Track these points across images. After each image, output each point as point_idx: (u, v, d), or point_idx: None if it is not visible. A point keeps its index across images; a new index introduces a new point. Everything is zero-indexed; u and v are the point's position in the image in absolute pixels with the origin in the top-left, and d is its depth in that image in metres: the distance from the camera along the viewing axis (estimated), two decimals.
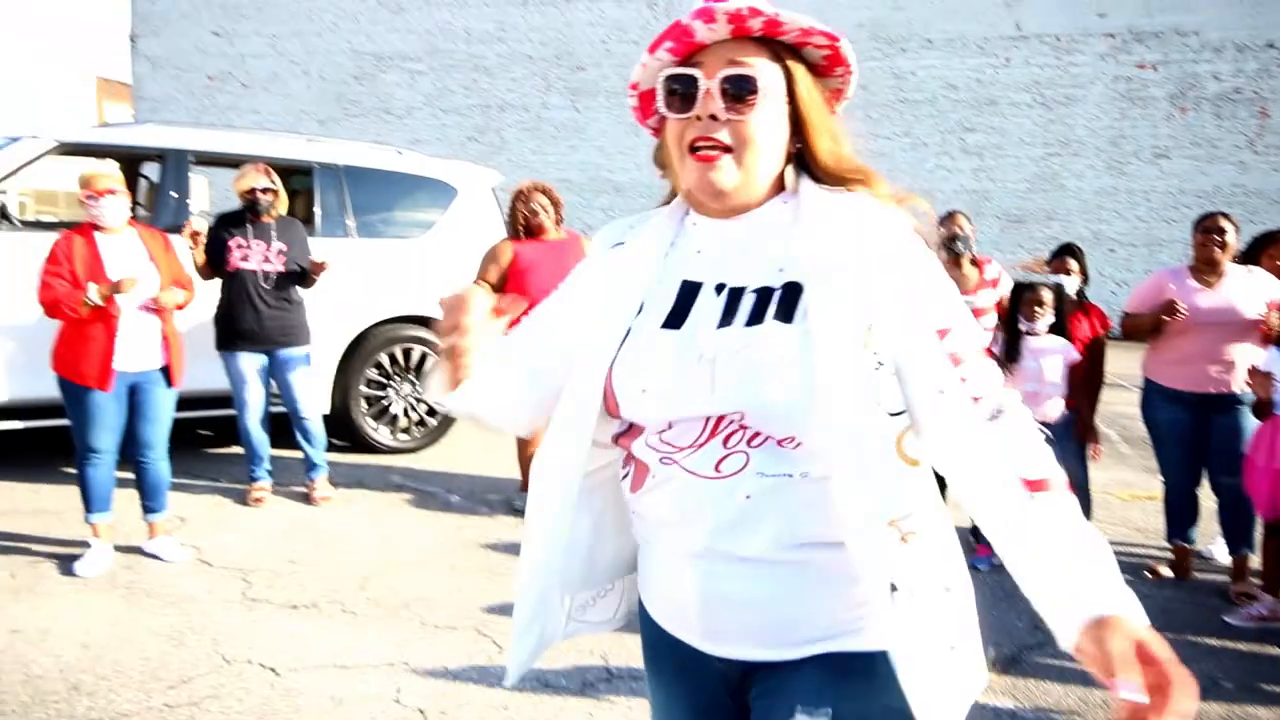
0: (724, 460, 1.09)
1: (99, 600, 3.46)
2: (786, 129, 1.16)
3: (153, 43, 19.28)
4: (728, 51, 1.12)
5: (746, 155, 1.12)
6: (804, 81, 1.16)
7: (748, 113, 1.11)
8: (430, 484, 5.16)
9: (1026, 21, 15.76)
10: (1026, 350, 4.23)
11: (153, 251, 3.82)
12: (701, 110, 1.11)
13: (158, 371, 3.83)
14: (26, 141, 4.81)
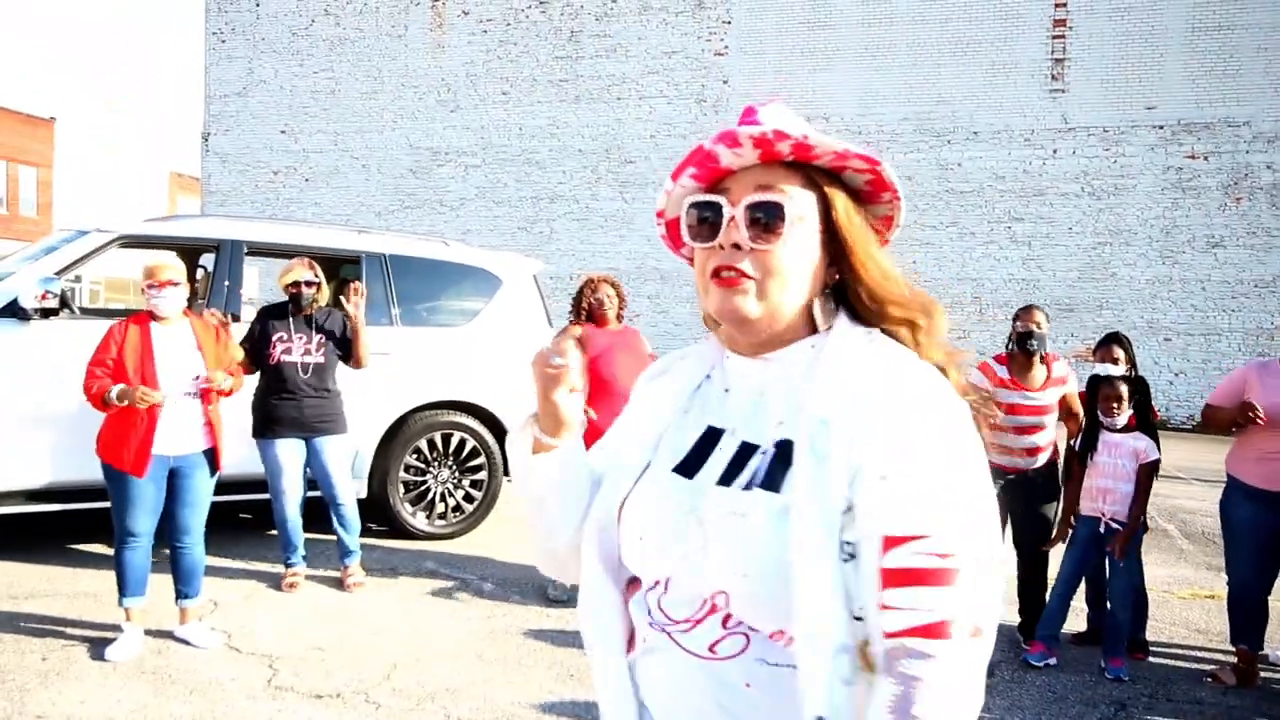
0: (721, 642, 0.97)
1: (125, 685, 3.45)
2: (819, 258, 1.06)
3: (223, 140, 20.27)
4: (756, 177, 1.05)
5: (771, 287, 1.03)
6: (843, 207, 1.06)
7: (774, 242, 1.02)
8: (464, 570, 5.12)
9: (1073, 114, 15.84)
10: (1104, 445, 4.13)
11: (202, 340, 3.91)
12: (725, 239, 1.03)
13: (199, 455, 3.89)
14: (92, 234, 5.03)
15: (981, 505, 0.94)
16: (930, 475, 0.91)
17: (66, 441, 4.60)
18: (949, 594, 0.88)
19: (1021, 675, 4.05)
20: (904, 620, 0.88)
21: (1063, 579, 4.19)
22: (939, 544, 0.89)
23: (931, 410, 0.95)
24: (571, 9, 18.18)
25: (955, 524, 0.90)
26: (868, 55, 16.66)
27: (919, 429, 0.93)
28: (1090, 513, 4.17)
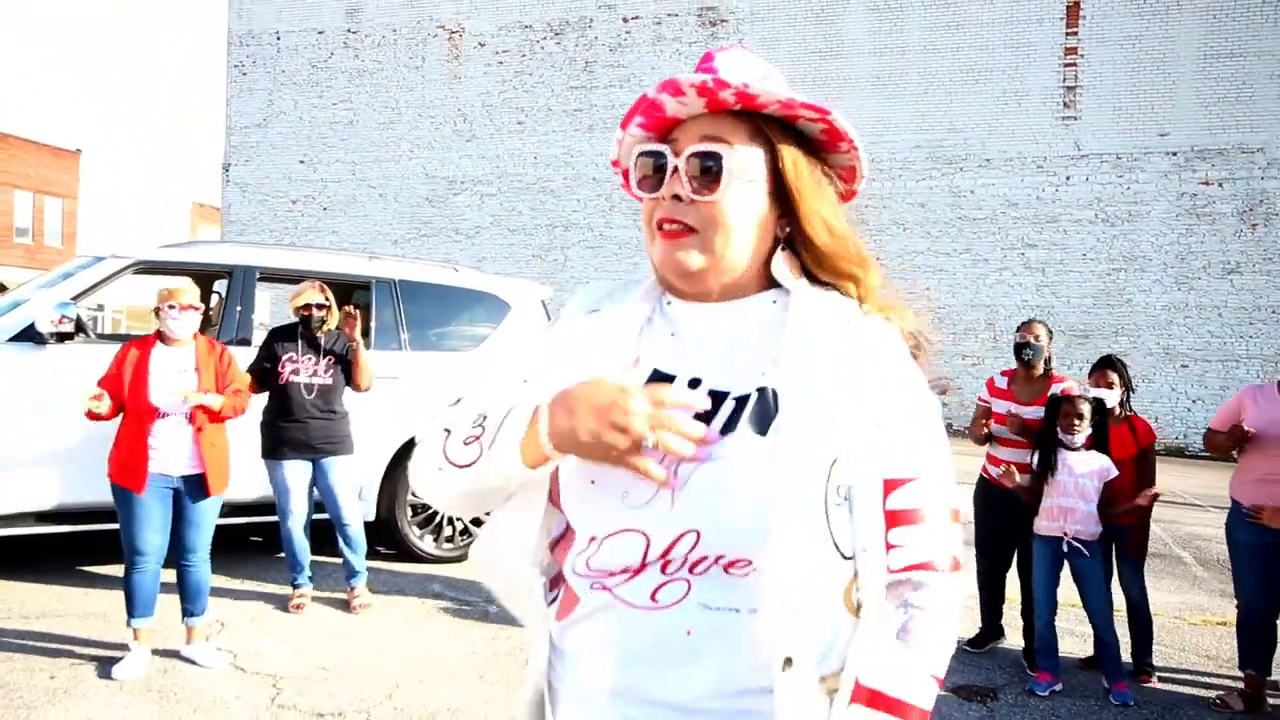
0: (661, 589, 0.96)
1: (131, 704, 3.48)
2: (767, 210, 1.05)
3: (243, 170, 20.60)
4: (703, 127, 1.04)
5: (714, 239, 1.02)
6: (792, 158, 1.05)
7: (714, 193, 1.01)
8: (469, 593, 5.14)
9: (1086, 141, 15.88)
10: (1063, 464, 4.12)
11: (201, 363, 3.93)
12: (667, 190, 1.04)
13: (200, 476, 3.94)
14: (108, 260, 5.14)
15: (947, 454, 1.02)
16: (914, 424, 0.99)
17: (77, 464, 4.67)
18: (937, 532, 0.97)
19: (1025, 700, 4.02)
20: (906, 557, 0.96)
21: (1042, 609, 4.16)
22: (927, 486, 0.98)
23: (906, 367, 1.02)
24: (586, 40, 18.44)
25: (937, 469, 0.99)
26: (879, 84, 16.78)
27: (900, 383, 1.00)
28: (1052, 533, 4.15)
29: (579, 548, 1.02)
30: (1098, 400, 4.27)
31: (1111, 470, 4.11)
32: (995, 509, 4.61)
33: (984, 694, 4.07)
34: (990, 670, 4.39)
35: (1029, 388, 4.55)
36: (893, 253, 16.63)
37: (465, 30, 19.20)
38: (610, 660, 0.98)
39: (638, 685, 0.97)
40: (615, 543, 0.98)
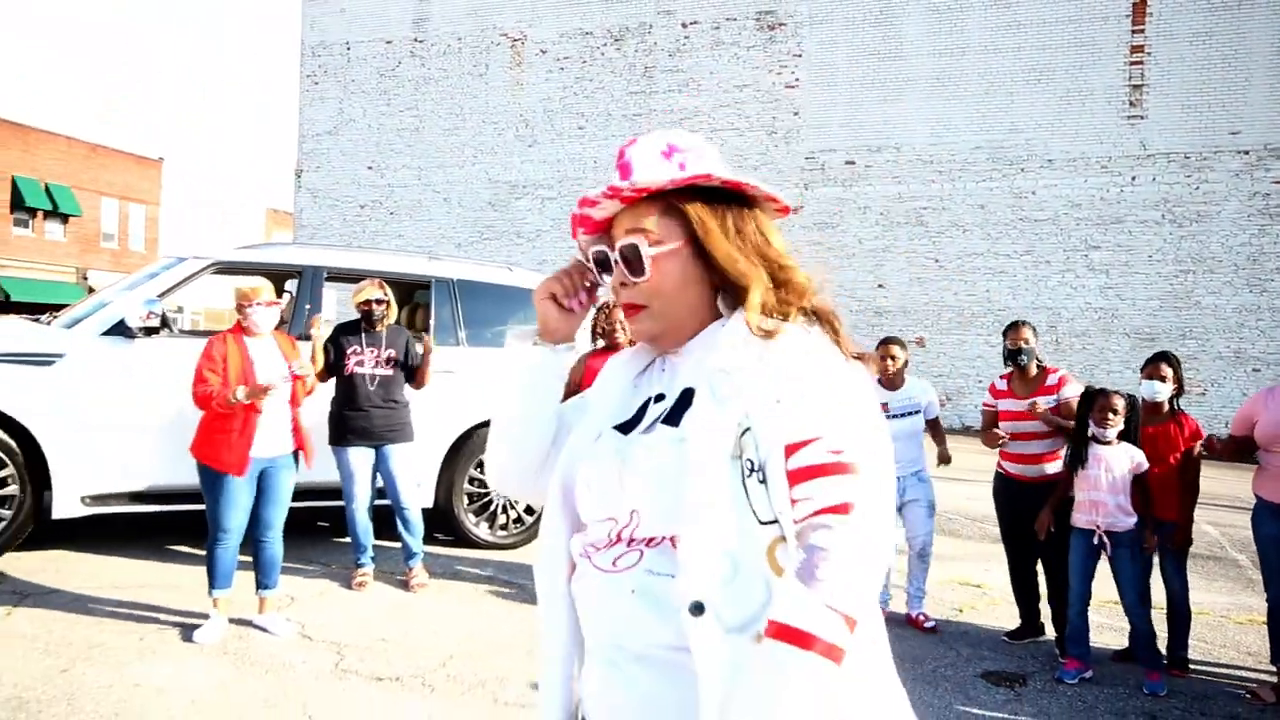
0: (621, 557, 1.17)
1: (210, 665, 3.81)
2: (695, 267, 1.23)
3: (314, 177, 21.35)
4: (626, 220, 1.25)
5: (659, 307, 1.24)
6: (698, 218, 1.22)
7: (644, 276, 1.23)
8: (522, 577, 5.40)
9: (1152, 140, 15.59)
10: (1094, 458, 4.20)
11: (285, 352, 4.33)
12: (615, 279, 1.27)
13: (288, 456, 4.29)
14: (190, 261, 5.54)
15: (865, 415, 1.13)
16: (815, 393, 1.11)
17: (163, 449, 5.05)
18: (845, 481, 1.07)
19: (1054, 686, 4.12)
20: (809, 506, 1.08)
21: (1075, 596, 4.25)
22: (831, 443, 1.09)
23: (808, 350, 1.16)
24: (645, 46, 18.71)
25: (843, 427, 1.10)
26: (939, 85, 16.70)
27: (800, 364, 1.14)
28: (1085, 525, 4.23)
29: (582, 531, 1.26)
30: (1131, 397, 4.34)
31: (1143, 463, 4.18)
32: (1013, 502, 4.74)
33: (1013, 679, 4.18)
34: (1023, 659, 4.49)
35: (1026, 385, 4.76)
36: (951, 255, 16.54)
37: (527, 38, 19.61)
38: (588, 612, 1.21)
39: (601, 632, 1.19)
40: (598, 525, 1.22)
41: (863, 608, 1.05)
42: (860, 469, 1.08)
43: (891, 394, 5.00)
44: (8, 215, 32.47)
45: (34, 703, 3.32)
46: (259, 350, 4.26)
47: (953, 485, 9.37)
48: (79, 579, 4.79)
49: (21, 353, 4.90)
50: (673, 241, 1.23)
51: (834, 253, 16.85)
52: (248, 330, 4.27)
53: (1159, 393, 4.45)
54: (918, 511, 4.96)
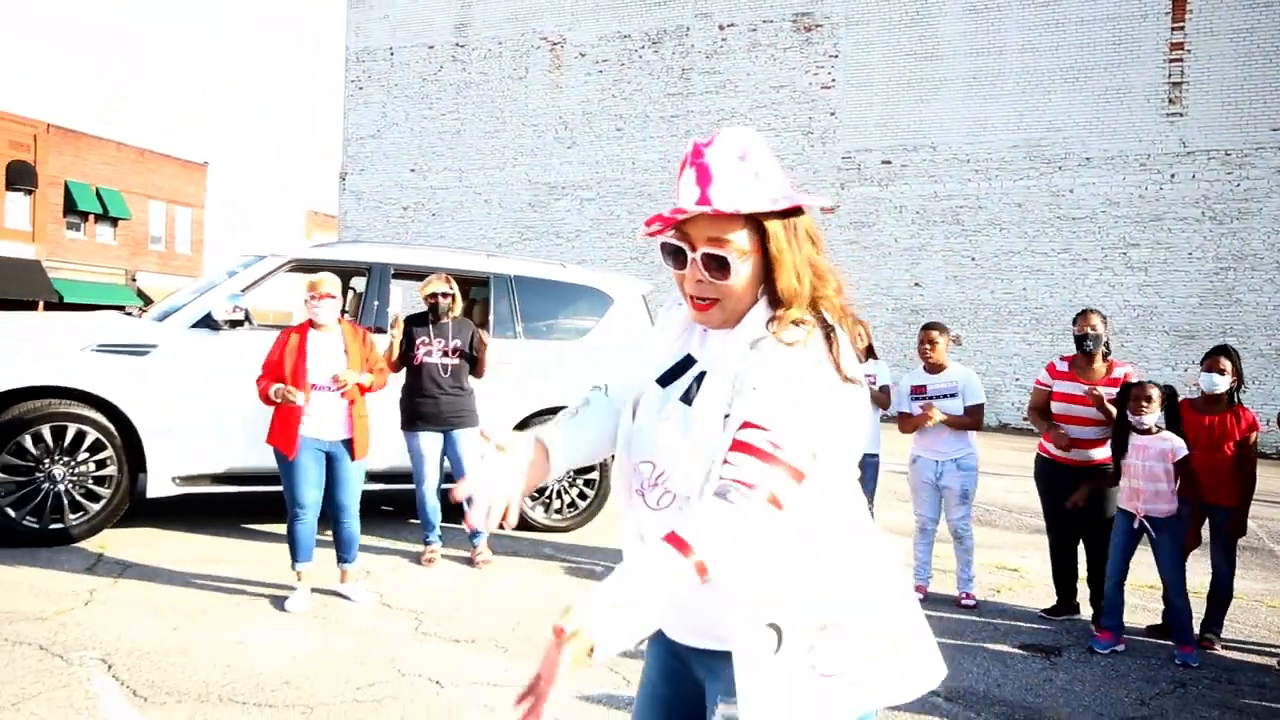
0: (661, 497, 1.45)
1: (302, 628, 4.15)
2: (760, 268, 1.43)
3: (358, 180, 21.88)
4: (707, 227, 1.40)
5: (728, 304, 1.44)
6: (774, 233, 1.41)
7: (725, 279, 1.41)
8: (579, 556, 5.71)
9: (1192, 138, 15.59)
10: (1133, 446, 4.41)
11: (349, 345, 4.59)
12: (691, 275, 1.43)
13: (349, 441, 4.58)
14: (268, 259, 5.91)
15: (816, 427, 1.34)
16: (783, 395, 1.33)
17: (245, 434, 5.41)
18: (766, 470, 1.29)
19: (1087, 657, 4.35)
20: (730, 471, 1.30)
21: (1113, 571, 4.47)
22: (774, 436, 1.31)
23: (794, 364, 1.36)
24: (683, 48, 18.99)
25: (791, 429, 1.31)
26: (976, 84, 16.80)
27: (782, 371, 1.36)
28: (1128, 509, 4.45)
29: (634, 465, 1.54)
30: (1168, 387, 4.54)
31: (1179, 450, 4.37)
32: (1055, 485, 4.94)
33: (1048, 651, 4.41)
34: (1058, 634, 4.72)
35: (1091, 371, 4.89)
36: (988, 253, 16.63)
37: (566, 41, 19.97)
38: (645, 538, 1.48)
39: None
40: (641, 468, 1.50)
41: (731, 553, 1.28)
42: (781, 466, 1.30)
43: (932, 377, 5.24)
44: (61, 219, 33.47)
45: (154, 654, 3.68)
46: (318, 345, 4.52)
47: (990, 479, 9.55)
48: (171, 554, 5.16)
49: (120, 343, 5.30)
50: (753, 253, 1.42)
51: (870, 252, 17.02)
52: (313, 322, 4.57)
53: (1218, 385, 4.61)
54: (950, 497, 5.18)
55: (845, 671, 1.38)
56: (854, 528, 1.46)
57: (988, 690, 3.87)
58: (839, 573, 1.41)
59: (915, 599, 1.51)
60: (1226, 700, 3.92)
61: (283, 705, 3.28)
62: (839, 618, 1.38)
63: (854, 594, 1.41)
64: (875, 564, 1.46)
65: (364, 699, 3.37)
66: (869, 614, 1.41)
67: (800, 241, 1.44)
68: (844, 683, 1.38)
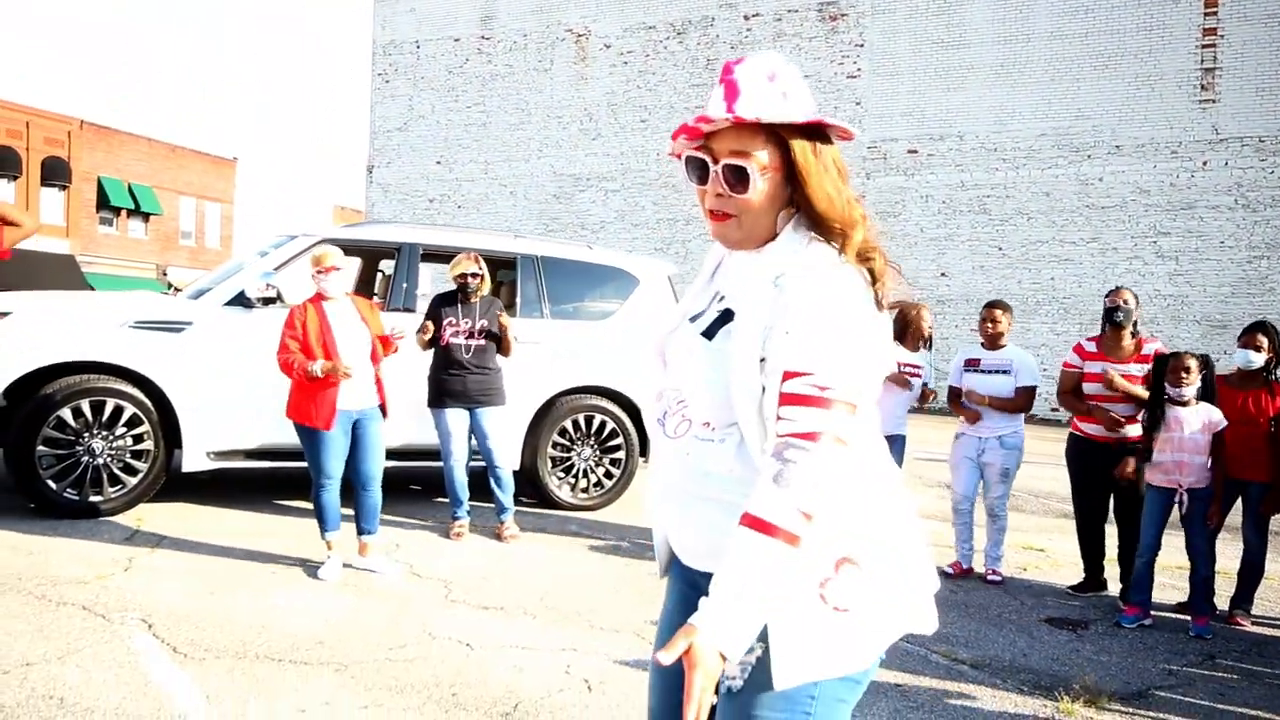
0: (679, 425, 1.49)
1: (335, 594, 4.24)
2: (781, 191, 1.43)
3: (385, 172, 22.06)
4: (731, 140, 1.41)
5: (745, 220, 1.44)
6: (801, 150, 1.41)
7: (744, 192, 1.41)
8: (605, 533, 5.77)
9: (1225, 125, 15.37)
10: (1173, 419, 4.38)
11: (363, 314, 4.69)
12: (711, 188, 1.44)
13: (375, 409, 4.66)
14: (300, 239, 6.00)
15: (858, 361, 1.34)
16: (820, 333, 1.33)
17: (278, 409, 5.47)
18: (822, 414, 1.29)
19: (1114, 630, 4.35)
20: (787, 426, 1.30)
21: (1145, 547, 4.46)
22: (820, 379, 1.31)
23: (829, 294, 1.36)
24: (707, 38, 18.97)
25: (834, 368, 1.31)
26: (1004, 72, 16.65)
27: (816, 304, 1.35)
28: (1165, 484, 4.42)
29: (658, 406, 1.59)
30: (1204, 356, 4.51)
31: (1220, 422, 4.34)
32: (1086, 463, 4.93)
33: (1075, 624, 4.41)
34: (1084, 609, 4.71)
35: (1120, 349, 4.85)
36: (1015, 243, 16.50)
37: (591, 33, 20.01)
38: (661, 468, 1.56)
39: (672, 481, 1.53)
40: (662, 398, 1.56)
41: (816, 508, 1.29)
42: (835, 405, 1.30)
43: (988, 352, 5.24)
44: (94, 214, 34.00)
45: (192, 616, 3.77)
46: (337, 314, 4.59)
47: None
48: (205, 527, 5.27)
49: (156, 320, 5.41)
50: (773, 169, 1.42)
51: (896, 242, 16.92)
52: (323, 295, 4.63)
53: (1253, 361, 4.58)
54: (990, 474, 5.17)
55: (857, 610, 1.38)
56: (875, 468, 1.46)
57: (1014, 659, 3.88)
58: (859, 510, 1.40)
59: (928, 548, 1.51)
60: (1254, 671, 3.91)
61: (317, 663, 3.36)
62: (856, 555, 1.39)
63: (872, 534, 1.41)
64: (895, 508, 1.46)
65: (396, 659, 3.44)
66: (884, 556, 1.41)
67: (827, 165, 1.43)
68: (855, 620, 1.38)
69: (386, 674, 3.30)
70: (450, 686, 3.22)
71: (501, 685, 3.26)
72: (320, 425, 4.48)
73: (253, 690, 3.09)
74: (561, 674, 3.38)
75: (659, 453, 1.57)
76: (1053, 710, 3.33)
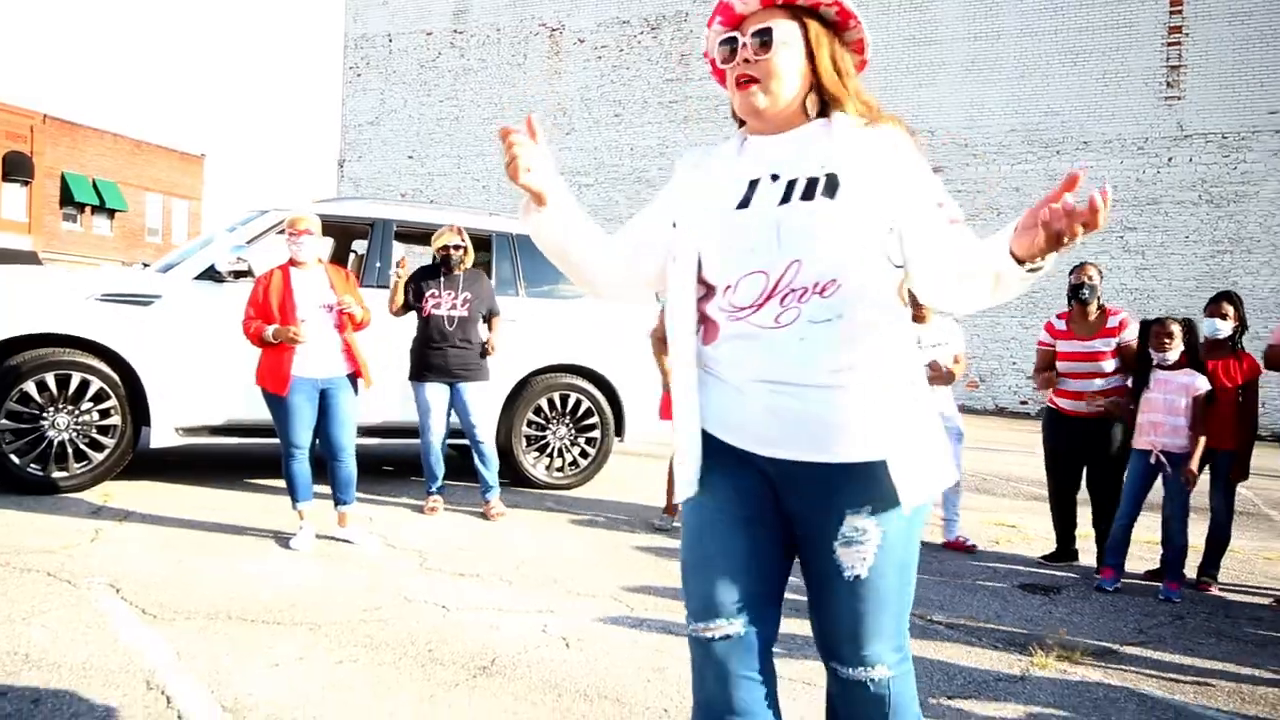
0: (782, 314, 1.51)
1: (310, 562, 4.18)
2: (804, 66, 1.60)
3: (357, 166, 21.89)
4: (758, 18, 1.60)
5: (771, 84, 1.58)
6: (815, 30, 1.61)
7: (768, 54, 1.57)
8: (581, 509, 5.75)
9: (1190, 121, 15.62)
10: (1155, 381, 4.44)
11: (334, 281, 4.59)
12: (739, 57, 1.60)
13: (343, 379, 4.57)
14: (270, 213, 5.93)
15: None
16: (925, 173, 1.57)
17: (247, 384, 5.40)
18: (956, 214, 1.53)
19: (1088, 593, 4.40)
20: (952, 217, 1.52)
21: (1123, 511, 4.52)
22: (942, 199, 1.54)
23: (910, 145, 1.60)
24: (681, 34, 19.00)
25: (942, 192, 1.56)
26: (974, 68, 16.82)
27: (913, 155, 1.59)
28: (1144, 446, 4.47)
29: (719, 295, 1.58)
30: (1187, 320, 4.58)
31: (1201, 386, 4.40)
32: (1061, 435, 4.98)
33: (1047, 589, 4.45)
34: (1056, 577, 4.76)
35: (1087, 324, 4.91)
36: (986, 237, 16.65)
37: (565, 27, 19.98)
38: (752, 362, 1.55)
39: (771, 373, 1.53)
40: (747, 283, 1.55)
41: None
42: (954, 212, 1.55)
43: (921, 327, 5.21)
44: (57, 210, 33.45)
45: (161, 581, 3.71)
46: (303, 281, 4.50)
47: (991, 454, 9.64)
48: (174, 502, 5.18)
49: (124, 293, 5.32)
50: (794, 43, 1.60)
51: None
52: (294, 261, 4.56)
53: (1220, 330, 4.66)
54: None
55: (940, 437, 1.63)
56: None
57: (988, 620, 3.91)
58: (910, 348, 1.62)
59: None
60: (1222, 629, 3.96)
61: (290, 623, 3.31)
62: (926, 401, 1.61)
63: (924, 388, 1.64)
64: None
65: (370, 619, 3.41)
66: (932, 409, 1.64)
67: (839, 51, 1.64)
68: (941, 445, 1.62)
69: (361, 632, 3.26)
70: (426, 644, 3.19)
71: (478, 643, 3.23)
72: (277, 390, 4.41)
73: (225, 648, 3.04)
74: (539, 633, 3.36)
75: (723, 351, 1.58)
76: (1026, 665, 3.36)
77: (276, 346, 4.40)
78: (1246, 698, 3.18)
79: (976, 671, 3.28)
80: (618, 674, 3.01)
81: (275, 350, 4.42)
